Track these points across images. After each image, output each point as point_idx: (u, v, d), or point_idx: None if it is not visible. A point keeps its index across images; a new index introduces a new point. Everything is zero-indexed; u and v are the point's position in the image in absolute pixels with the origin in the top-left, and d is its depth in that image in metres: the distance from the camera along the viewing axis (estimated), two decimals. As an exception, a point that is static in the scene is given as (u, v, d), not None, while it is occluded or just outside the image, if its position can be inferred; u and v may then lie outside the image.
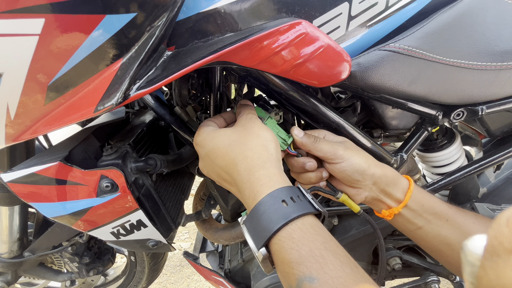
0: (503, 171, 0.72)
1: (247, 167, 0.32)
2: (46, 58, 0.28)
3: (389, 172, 0.41)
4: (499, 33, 0.43)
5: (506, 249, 0.17)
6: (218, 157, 0.35)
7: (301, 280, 0.24)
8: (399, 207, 0.41)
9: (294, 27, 0.31)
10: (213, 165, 0.36)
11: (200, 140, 0.37)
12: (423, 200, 0.41)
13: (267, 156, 0.33)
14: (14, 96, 0.31)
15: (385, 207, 0.43)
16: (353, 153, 0.40)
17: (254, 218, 0.29)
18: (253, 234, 0.29)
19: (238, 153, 0.33)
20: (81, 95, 0.31)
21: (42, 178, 0.40)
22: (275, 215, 0.27)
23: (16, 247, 0.69)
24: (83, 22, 0.25)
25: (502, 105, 0.49)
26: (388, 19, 0.40)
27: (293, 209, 0.28)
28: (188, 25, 0.31)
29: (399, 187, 0.41)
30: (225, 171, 0.34)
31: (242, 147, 0.33)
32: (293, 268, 0.25)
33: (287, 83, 0.44)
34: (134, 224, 0.45)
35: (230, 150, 0.33)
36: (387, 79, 0.41)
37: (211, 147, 0.35)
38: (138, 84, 0.29)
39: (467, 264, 0.20)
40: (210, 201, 0.68)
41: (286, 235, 0.26)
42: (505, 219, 0.17)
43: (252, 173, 0.31)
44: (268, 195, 0.29)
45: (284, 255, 0.26)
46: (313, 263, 0.25)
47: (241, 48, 0.30)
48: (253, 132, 0.35)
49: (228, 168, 0.33)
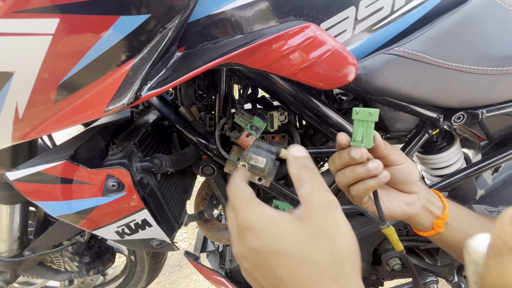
0: (500, 174, 0.74)
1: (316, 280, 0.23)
2: (58, 57, 0.28)
3: (425, 190, 0.42)
4: (500, 39, 0.44)
5: (509, 247, 0.17)
6: (282, 268, 0.24)
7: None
8: (446, 214, 0.40)
9: (303, 31, 0.31)
10: (267, 274, 0.25)
11: (253, 222, 0.25)
12: (457, 206, 0.42)
13: (350, 273, 0.24)
14: (24, 95, 0.31)
15: (433, 217, 0.41)
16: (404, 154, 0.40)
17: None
18: None
19: (318, 280, 0.23)
20: (91, 95, 0.31)
21: (48, 176, 0.40)
22: None
23: (16, 246, 0.69)
24: (97, 22, 0.26)
25: (502, 109, 0.50)
26: (393, 24, 0.41)
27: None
28: (198, 27, 0.32)
29: (435, 204, 0.42)
30: (288, 286, 0.23)
31: (326, 272, 0.23)
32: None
33: (291, 84, 0.44)
34: (139, 223, 0.46)
35: (305, 271, 0.23)
36: (391, 82, 0.42)
37: (273, 246, 0.24)
38: (150, 85, 0.29)
39: (470, 263, 0.20)
40: (213, 201, 0.69)
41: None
42: (508, 218, 0.17)
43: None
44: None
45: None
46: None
47: (250, 51, 0.31)
48: (341, 235, 0.24)
49: (293, 284, 0.23)
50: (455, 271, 0.68)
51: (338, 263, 0.23)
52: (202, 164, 0.55)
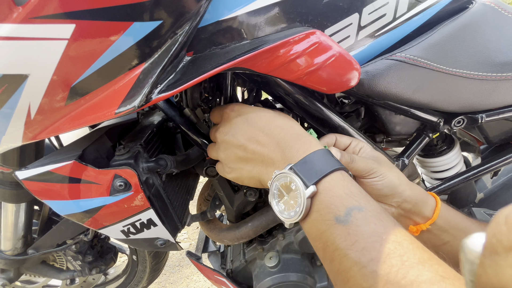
0: (499, 177, 0.75)
1: (295, 133, 0.36)
2: (72, 61, 0.29)
3: (418, 192, 0.42)
4: (499, 45, 0.46)
5: (504, 247, 0.17)
6: (261, 120, 0.38)
7: (350, 209, 0.29)
8: (427, 224, 0.41)
9: (308, 37, 0.32)
10: (249, 127, 0.38)
11: (240, 107, 0.40)
12: (449, 216, 0.42)
13: (306, 133, 0.37)
14: (37, 97, 0.32)
15: (412, 223, 0.43)
16: (386, 170, 0.41)
17: (307, 163, 0.33)
18: (305, 175, 0.32)
19: (285, 122, 0.37)
20: (103, 97, 0.32)
21: (56, 176, 0.41)
22: (329, 161, 0.33)
23: (20, 244, 0.70)
24: (112, 28, 0.27)
25: (501, 113, 0.51)
26: (395, 30, 0.42)
27: (339, 162, 0.33)
28: (207, 32, 0.33)
29: (428, 205, 0.42)
30: (265, 132, 0.37)
31: (289, 120, 0.38)
32: (343, 199, 0.30)
33: (295, 87, 0.45)
34: (145, 223, 0.46)
35: (276, 119, 0.38)
36: (393, 87, 0.43)
37: (254, 113, 0.38)
38: (160, 88, 0.30)
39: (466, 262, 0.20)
40: (215, 202, 0.69)
41: (338, 175, 0.32)
42: (503, 217, 0.18)
43: (302, 136, 0.36)
44: (322, 149, 0.34)
45: (336, 190, 0.31)
46: (361, 197, 0.30)
47: (257, 56, 0.32)
48: (296, 123, 0.39)
49: (271, 130, 0.37)
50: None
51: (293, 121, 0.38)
52: (206, 165, 0.56)
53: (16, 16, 0.25)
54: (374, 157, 0.43)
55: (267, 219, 0.64)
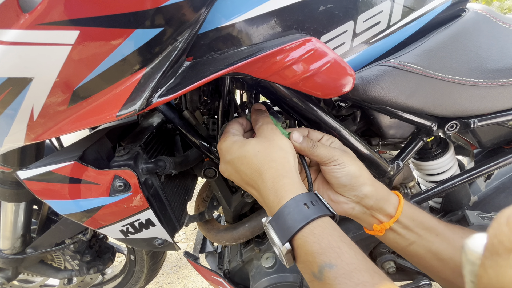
0: (493, 181, 0.76)
1: (272, 176, 0.36)
2: (75, 65, 0.30)
3: (380, 188, 0.42)
4: (490, 53, 0.47)
5: (506, 247, 0.17)
6: (243, 164, 0.39)
7: (322, 267, 0.29)
8: (391, 222, 0.42)
9: (304, 44, 0.34)
10: (237, 171, 0.40)
11: (226, 147, 0.41)
12: (413, 215, 0.42)
13: (289, 167, 0.37)
14: (40, 99, 0.33)
15: (376, 222, 0.43)
16: (348, 159, 0.42)
17: (280, 218, 0.33)
18: (279, 232, 0.33)
19: (263, 163, 0.37)
20: (104, 100, 0.33)
21: (57, 176, 0.42)
22: (299, 216, 0.32)
23: (18, 244, 0.70)
24: (114, 34, 0.28)
25: (493, 118, 0.52)
26: (389, 37, 0.43)
27: (313, 211, 0.33)
28: (206, 39, 0.34)
29: (390, 202, 0.42)
30: (249, 177, 0.38)
31: (267, 158, 0.37)
32: (315, 257, 0.30)
33: (292, 92, 0.47)
34: (143, 223, 0.47)
35: (256, 160, 0.38)
36: (387, 92, 0.44)
37: (237, 155, 0.39)
38: (160, 92, 0.31)
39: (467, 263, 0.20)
40: (213, 203, 0.70)
41: (308, 232, 0.31)
42: (505, 218, 0.18)
43: (277, 181, 0.36)
44: (292, 199, 0.34)
45: (307, 248, 0.31)
46: (331, 252, 0.29)
47: (255, 62, 0.33)
48: (276, 144, 0.39)
49: (253, 175, 0.38)
50: (448, 275, 0.70)
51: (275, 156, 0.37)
52: (204, 167, 0.57)
53: (22, 22, 0.26)
54: (341, 149, 0.44)
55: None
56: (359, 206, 0.43)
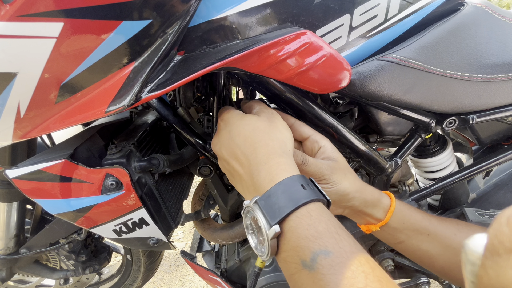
0: (492, 178, 0.75)
1: (266, 152, 0.33)
2: (61, 59, 0.29)
3: (369, 196, 0.41)
4: (489, 47, 0.46)
5: (506, 248, 0.17)
6: (239, 136, 0.36)
7: (316, 254, 0.25)
8: (377, 226, 0.42)
9: (299, 37, 0.33)
10: (230, 142, 0.37)
11: (228, 117, 0.38)
12: (404, 218, 0.42)
13: (286, 150, 0.35)
14: (26, 95, 0.32)
15: (364, 222, 0.44)
16: (338, 178, 0.39)
17: (271, 197, 0.30)
18: (268, 211, 0.29)
19: (260, 139, 0.35)
20: (93, 96, 0.32)
21: (47, 175, 0.41)
22: (295, 195, 0.29)
23: (12, 244, 0.69)
24: (100, 27, 0.27)
25: (492, 114, 0.52)
26: (386, 31, 0.42)
27: (310, 192, 0.30)
28: (198, 32, 0.33)
29: (379, 208, 0.42)
30: (241, 150, 0.35)
31: (265, 135, 0.35)
32: (309, 242, 0.26)
33: (288, 87, 0.46)
34: (136, 222, 0.46)
35: (253, 134, 0.35)
36: (385, 88, 0.43)
37: (236, 125, 0.37)
38: (150, 87, 0.30)
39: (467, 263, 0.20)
40: (209, 201, 0.69)
41: (305, 213, 0.28)
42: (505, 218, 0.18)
43: (272, 158, 0.33)
44: (289, 178, 0.30)
45: (301, 231, 0.27)
46: (329, 238, 0.26)
47: (248, 56, 0.32)
48: (277, 126, 0.37)
49: (246, 148, 0.35)
50: (446, 273, 0.70)
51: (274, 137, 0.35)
52: (200, 165, 0.56)
53: (3, 14, 0.25)
54: (332, 160, 0.41)
55: (260, 218, 0.64)
56: (348, 210, 0.43)
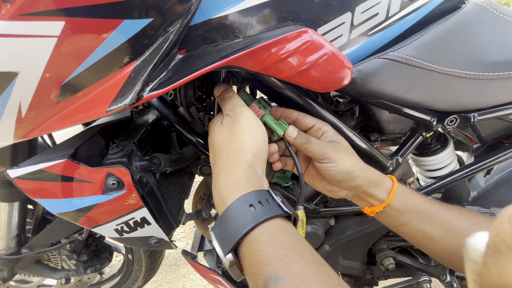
0: (492, 176, 0.75)
1: (218, 170, 0.33)
2: (63, 58, 0.29)
3: (372, 176, 0.43)
4: (490, 45, 0.46)
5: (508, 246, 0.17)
6: (211, 151, 0.38)
7: (267, 280, 0.25)
8: (381, 207, 0.43)
9: (300, 35, 0.33)
10: (211, 149, 0.39)
11: (209, 128, 0.41)
12: (405, 199, 0.43)
13: (240, 162, 0.32)
14: (27, 94, 0.32)
15: (367, 204, 0.45)
16: (341, 156, 0.41)
17: (222, 224, 0.29)
18: (221, 240, 0.28)
19: (218, 155, 0.35)
20: (94, 95, 0.32)
21: (49, 174, 0.41)
22: (243, 220, 0.28)
23: (13, 244, 0.69)
24: (101, 26, 0.27)
25: (493, 112, 0.52)
26: (387, 29, 0.42)
27: (260, 213, 0.28)
28: (199, 30, 0.33)
29: (382, 188, 0.43)
30: (214, 158, 0.36)
31: (222, 150, 0.34)
32: (260, 269, 0.25)
33: (289, 86, 0.45)
34: (138, 221, 0.46)
35: (215, 148, 0.36)
36: (386, 86, 0.43)
37: (210, 137, 0.39)
38: (151, 86, 0.30)
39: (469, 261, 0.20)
40: (210, 200, 0.69)
41: (253, 238, 0.27)
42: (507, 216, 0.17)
43: (221, 177, 0.32)
44: (236, 201, 0.29)
45: (252, 257, 0.26)
46: (278, 262, 0.25)
47: (249, 54, 0.32)
48: (236, 135, 0.34)
49: (215, 157, 0.36)
50: (448, 271, 0.70)
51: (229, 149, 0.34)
52: (201, 164, 0.56)
53: (4, 13, 0.25)
54: (335, 142, 0.43)
55: (262, 217, 0.64)
56: (352, 192, 0.44)
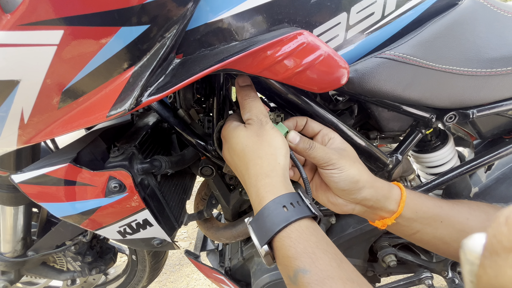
0: (493, 171, 0.75)
1: (255, 173, 0.36)
2: (62, 66, 0.29)
3: (380, 188, 0.41)
4: (488, 41, 0.46)
5: (505, 247, 0.17)
6: (235, 155, 0.39)
7: (297, 272, 0.29)
8: (392, 218, 0.41)
9: (296, 37, 0.33)
10: (231, 159, 0.41)
11: (225, 134, 0.42)
12: (416, 207, 0.41)
13: (274, 165, 0.36)
14: (29, 101, 0.32)
15: (377, 218, 0.43)
16: (346, 163, 0.40)
17: (259, 220, 0.33)
18: (258, 234, 0.33)
19: (250, 159, 0.37)
20: (94, 100, 0.32)
21: (52, 179, 0.41)
22: (277, 219, 0.32)
23: (19, 247, 0.70)
24: (99, 33, 0.27)
25: (492, 109, 0.52)
26: (384, 28, 0.42)
27: (291, 213, 0.32)
28: (196, 35, 0.33)
29: (392, 199, 0.41)
30: (239, 169, 0.39)
31: (254, 154, 0.37)
32: (291, 262, 0.30)
33: (287, 87, 0.46)
34: (140, 223, 0.47)
35: (244, 154, 0.38)
36: (383, 85, 0.44)
37: (230, 143, 0.40)
38: (149, 91, 0.31)
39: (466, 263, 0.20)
40: (212, 201, 0.70)
41: (285, 235, 0.31)
42: (504, 218, 0.18)
43: (259, 180, 0.35)
44: (272, 201, 0.33)
45: (284, 251, 0.31)
46: (306, 258, 0.29)
47: (246, 57, 0.32)
48: (265, 140, 0.38)
49: (241, 168, 0.39)
50: (449, 267, 0.70)
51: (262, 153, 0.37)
52: (201, 165, 0.57)
53: (4, 23, 0.25)
54: (341, 149, 0.42)
55: (263, 217, 0.65)
56: (359, 206, 0.42)
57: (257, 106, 0.40)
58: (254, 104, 0.40)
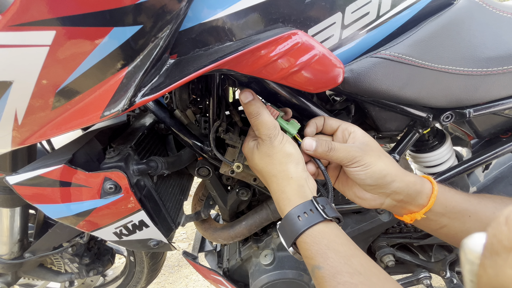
0: (491, 171, 0.75)
1: (274, 189, 0.42)
2: (55, 67, 0.29)
3: (412, 182, 0.40)
4: (484, 41, 0.46)
5: (505, 247, 0.17)
6: (258, 173, 0.45)
7: (314, 268, 0.35)
8: (421, 213, 0.40)
9: (290, 37, 0.33)
10: (257, 175, 0.46)
11: (245, 153, 0.46)
12: (446, 201, 0.41)
13: (288, 180, 0.40)
14: (22, 103, 0.32)
15: (406, 212, 0.42)
16: (372, 159, 0.39)
17: (282, 228, 0.40)
18: (284, 238, 0.40)
19: (268, 178, 0.43)
20: (88, 101, 0.32)
21: (47, 180, 0.41)
22: (294, 227, 0.38)
23: (16, 248, 0.70)
24: (92, 34, 0.27)
25: (488, 108, 0.52)
26: (379, 28, 0.42)
27: (305, 222, 0.37)
28: (190, 35, 0.33)
29: (422, 193, 0.40)
30: (266, 181, 0.44)
31: (269, 174, 0.42)
32: (309, 260, 0.37)
33: (283, 87, 0.46)
34: (136, 224, 0.47)
35: (262, 174, 0.44)
36: (379, 84, 0.43)
37: (251, 164, 0.46)
38: (143, 91, 0.31)
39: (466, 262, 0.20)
40: (209, 202, 0.70)
41: (302, 240, 0.37)
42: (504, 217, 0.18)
43: (278, 194, 0.41)
44: (288, 213, 0.39)
45: (303, 252, 0.37)
46: (319, 257, 0.35)
47: (240, 57, 0.32)
48: (276, 158, 0.41)
49: (265, 183, 0.44)
50: (448, 267, 0.70)
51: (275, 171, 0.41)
52: (198, 166, 0.57)
53: (-4, 24, 0.25)
54: (364, 143, 0.41)
55: (260, 217, 0.65)
56: (388, 200, 0.41)
57: (263, 123, 0.41)
58: (260, 122, 0.41)
